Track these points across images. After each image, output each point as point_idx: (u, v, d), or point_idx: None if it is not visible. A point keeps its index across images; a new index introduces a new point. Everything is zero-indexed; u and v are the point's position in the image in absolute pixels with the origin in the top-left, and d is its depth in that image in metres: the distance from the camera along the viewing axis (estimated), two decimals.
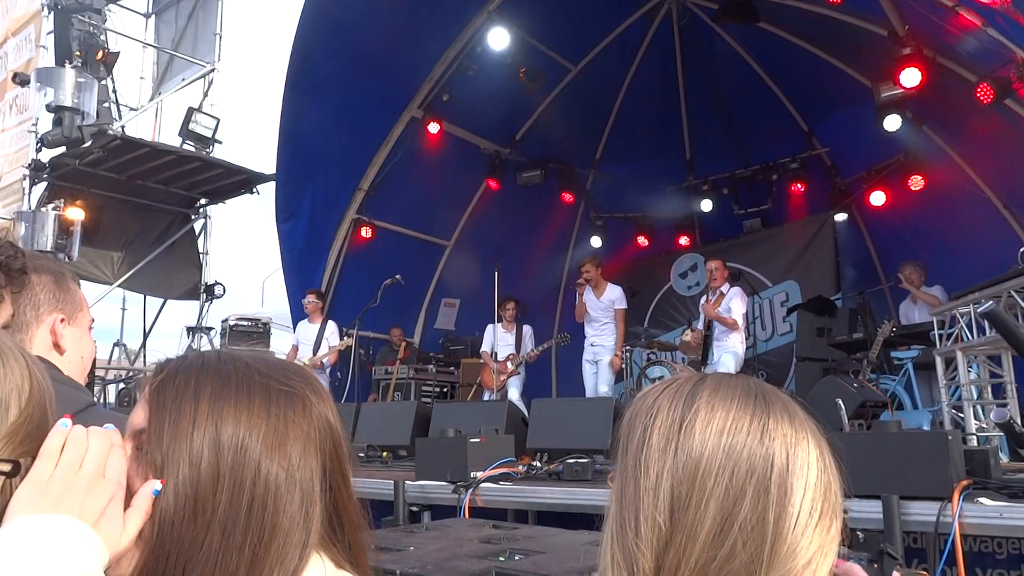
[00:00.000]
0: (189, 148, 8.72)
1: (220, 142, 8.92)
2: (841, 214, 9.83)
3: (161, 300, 9.92)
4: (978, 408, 5.16)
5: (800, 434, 0.81)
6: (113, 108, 8.77)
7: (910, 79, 7.14)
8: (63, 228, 7.48)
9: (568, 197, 10.85)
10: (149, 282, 9.56)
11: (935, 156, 8.37)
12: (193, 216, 9.93)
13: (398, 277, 7.83)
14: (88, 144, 7.75)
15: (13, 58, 9.36)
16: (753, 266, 10.02)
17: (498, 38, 8.64)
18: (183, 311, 10.10)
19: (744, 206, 10.45)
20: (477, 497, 3.87)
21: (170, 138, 9.17)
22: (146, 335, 9.97)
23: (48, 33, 8.43)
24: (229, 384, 0.83)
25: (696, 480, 0.77)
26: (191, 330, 9.50)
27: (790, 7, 8.46)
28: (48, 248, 7.24)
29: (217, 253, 10.72)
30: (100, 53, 8.10)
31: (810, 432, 0.82)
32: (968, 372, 5.11)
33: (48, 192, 8.31)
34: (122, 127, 8.63)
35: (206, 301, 9.69)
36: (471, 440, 4.15)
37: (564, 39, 9.63)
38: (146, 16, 10.53)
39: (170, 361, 0.86)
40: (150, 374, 0.86)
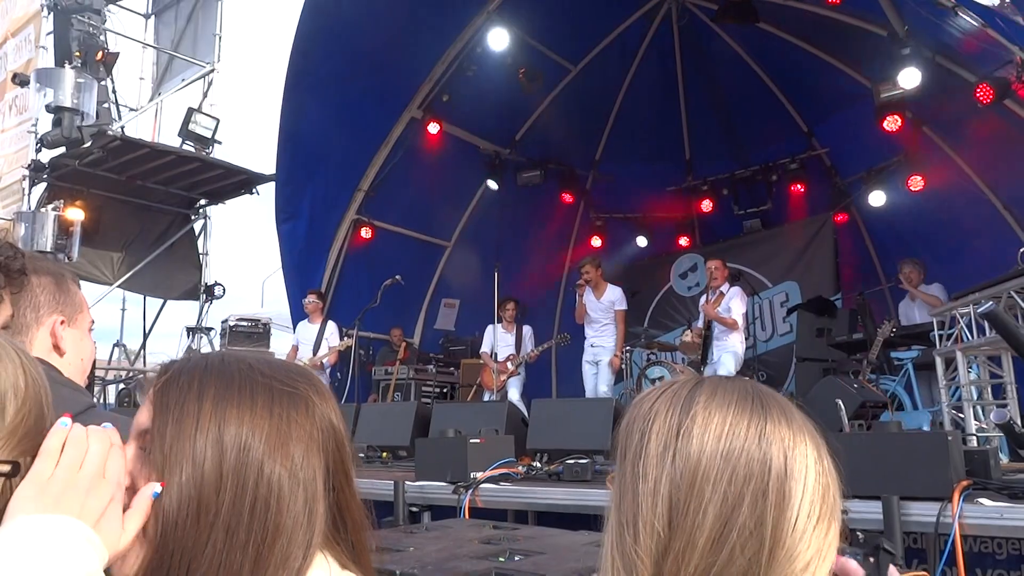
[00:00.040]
0: (189, 149, 8.72)
1: (220, 142, 8.93)
2: (841, 214, 9.84)
3: (161, 301, 9.91)
4: (978, 408, 5.16)
5: (798, 437, 0.81)
6: (113, 108, 8.75)
7: (909, 79, 7.15)
8: (63, 229, 7.47)
9: (568, 197, 10.86)
10: (149, 283, 9.55)
11: (935, 157, 8.37)
12: (193, 216, 9.92)
13: (398, 277, 7.83)
14: (88, 144, 7.75)
15: (13, 58, 9.35)
16: (753, 266, 10.02)
17: (498, 38, 8.63)
18: (183, 312, 10.12)
19: (744, 206, 10.45)
20: (477, 498, 3.87)
21: (170, 139, 9.18)
22: (146, 336, 9.98)
23: (48, 34, 8.42)
24: (232, 385, 0.83)
25: (694, 486, 0.77)
26: (191, 331, 9.49)
27: (790, 7, 8.46)
28: (48, 249, 7.23)
29: (217, 254, 10.73)
30: (100, 54, 8.09)
31: (808, 435, 0.82)
32: (968, 373, 5.11)
33: (48, 193, 8.30)
34: (122, 128, 8.62)
35: (206, 302, 9.69)
36: (471, 440, 4.15)
37: (564, 39, 9.62)
38: (146, 17, 10.53)
39: (174, 362, 0.87)
40: (154, 375, 0.86)
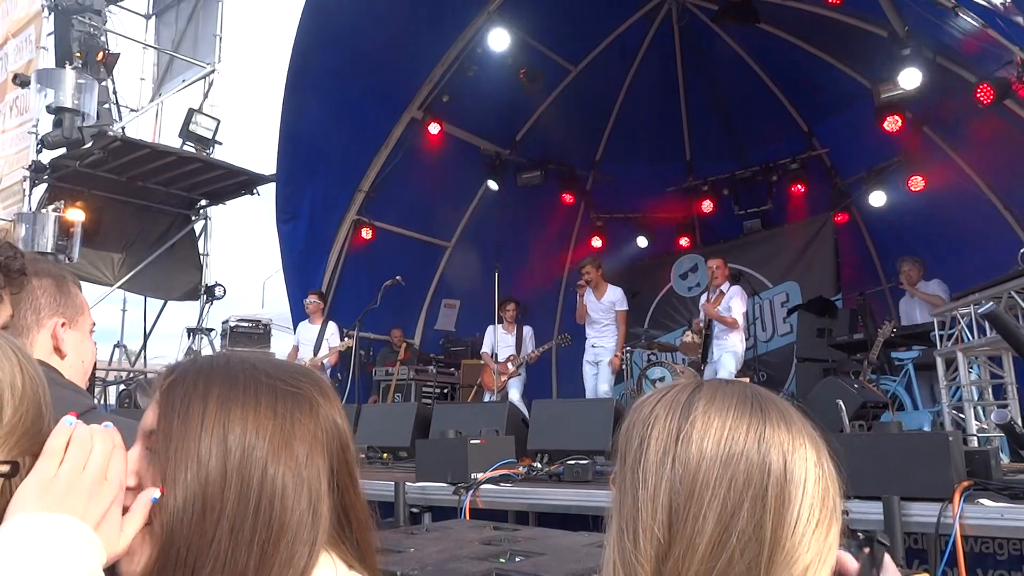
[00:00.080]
0: (189, 149, 8.72)
1: (220, 143, 8.94)
2: (841, 215, 9.84)
3: (161, 301, 9.92)
4: (979, 409, 5.16)
5: (797, 441, 0.80)
6: (113, 109, 8.76)
7: (910, 80, 7.15)
8: (63, 229, 7.47)
9: (568, 198, 10.86)
10: (149, 283, 9.56)
11: (935, 157, 8.37)
12: (193, 217, 9.93)
13: (398, 278, 7.83)
14: (88, 145, 7.75)
15: (13, 59, 9.35)
16: (753, 267, 10.02)
17: (498, 39, 8.63)
18: (183, 312, 10.12)
19: (744, 207, 10.46)
20: (478, 498, 3.86)
21: (170, 139, 9.19)
22: (146, 336, 9.99)
23: (48, 34, 8.43)
24: (237, 386, 0.84)
25: (694, 492, 0.77)
26: (191, 331, 9.49)
27: (790, 8, 8.46)
28: (48, 249, 7.22)
29: (217, 254, 10.75)
30: (100, 54, 8.10)
31: (807, 438, 0.82)
32: (969, 373, 5.11)
33: (48, 193, 8.31)
34: (122, 128, 8.63)
35: (206, 302, 9.69)
36: (471, 441, 4.14)
37: (564, 40, 9.62)
38: (146, 17, 10.54)
39: (180, 363, 0.88)
40: (160, 377, 0.87)
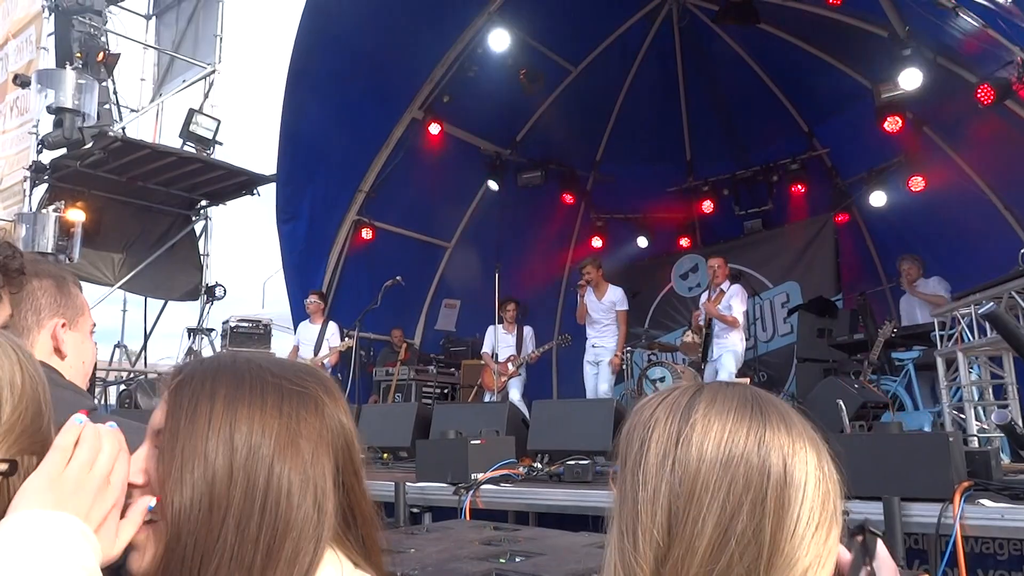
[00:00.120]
0: (190, 150, 8.72)
1: (221, 143, 8.94)
2: (842, 215, 9.84)
3: (162, 302, 9.92)
4: (979, 409, 5.15)
5: (797, 444, 0.80)
6: (114, 110, 8.76)
7: (910, 80, 7.14)
8: (64, 230, 7.47)
9: (568, 198, 10.86)
10: (150, 284, 9.56)
11: (935, 157, 8.37)
12: (194, 217, 9.93)
13: (398, 278, 7.83)
14: (89, 146, 7.75)
15: (14, 59, 9.35)
16: (754, 267, 10.02)
17: (499, 39, 8.63)
18: (184, 313, 10.12)
19: (745, 207, 10.46)
20: (478, 499, 3.86)
21: (171, 140, 9.19)
22: (147, 337, 9.99)
23: (49, 35, 8.43)
24: (243, 385, 0.86)
25: (693, 495, 0.77)
26: (192, 332, 9.49)
27: (790, 8, 8.46)
28: (49, 250, 7.22)
29: (218, 254, 10.76)
30: (101, 55, 8.10)
31: (808, 440, 0.82)
32: (969, 373, 5.10)
33: (49, 194, 8.31)
34: (123, 129, 8.63)
35: (207, 303, 9.69)
36: (472, 442, 4.14)
37: (565, 40, 9.63)
38: (147, 18, 10.54)
39: (187, 363, 0.90)
40: (169, 376, 0.88)
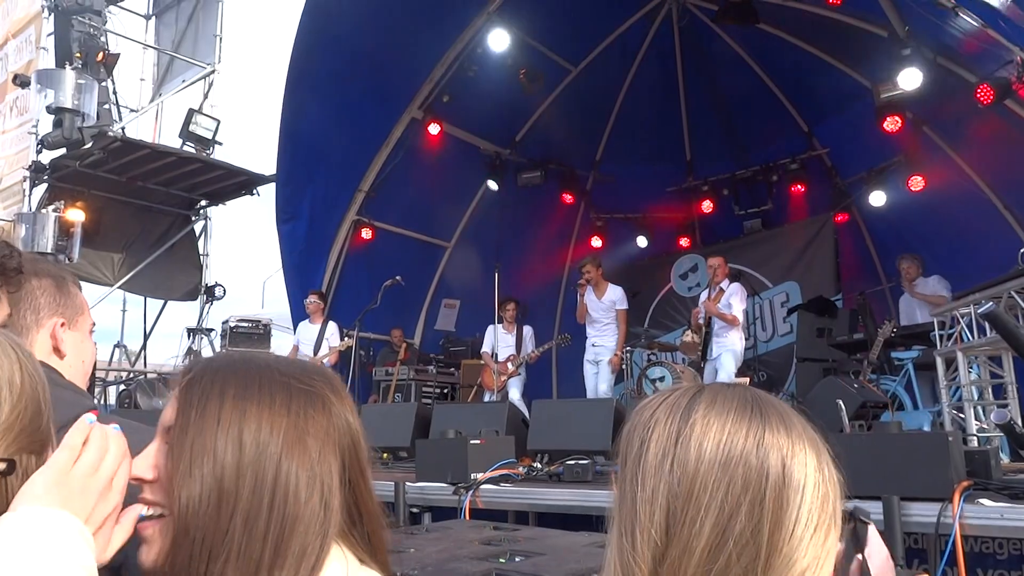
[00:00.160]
0: (189, 150, 8.72)
1: (220, 143, 8.93)
2: (841, 215, 9.84)
3: (161, 302, 9.91)
4: (979, 409, 5.15)
5: (797, 445, 0.80)
6: (113, 110, 8.76)
7: (910, 80, 7.14)
8: (63, 230, 7.47)
9: (568, 198, 10.86)
10: (149, 284, 9.55)
11: (935, 157, 8.37)
12: (193, 217, 9.93)
13: (398, 278, 7.83)
14: (88, 146, 7.75)
15: (13, 59, 9.35)
16: (753, 267, 10.02)
17: (498, 39, 8.63)
18: (184, 312, 10.11)
19: (744, 207, 10.46)
20: (478, 498, 3.87)
21: (170, 140, 9.18)
22: (147, 337, 9.98)
23: (48, 35, 8.42)
24: (252, 384, 0.87)
25: (692, 494, 0.77)
26: (191, 331, 9.49)
27: (790, 8, 8.46)
28: (48, 250, 7.22)
29: (217, 254, 10.74)
30: (100, 55, 8.09)
31: (808, 442, 0.82)
32: (968, 373, 5.11)
33: (48, 194, 8.30)
34: (122, 129, 8.62)
35: (207, 302, 9.69)
36: (471, 441, 4.14)
37: (564, 40, 9.62)
38: (146, 18, 10.53)
39: (198, 362, 0.91)
40: (179, 374, 0.90)
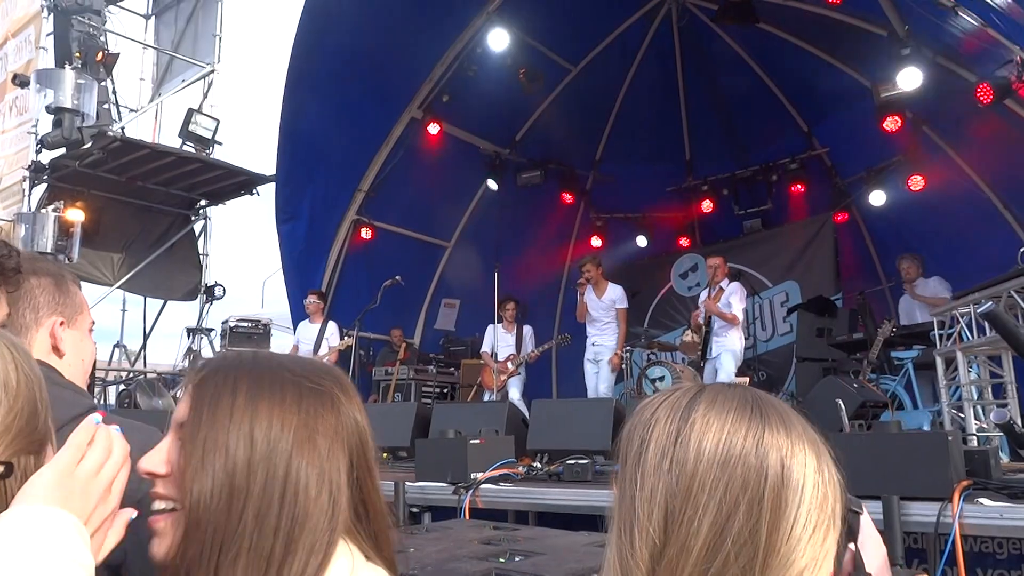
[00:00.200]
0: (189, 149, 8.72)
1: (220, 143, 8.94)
2: (841, 214, 9.84)
3: (161, 301, 9.92)
4: (978, 408, 5.15)
5: (796, 446, 0.80)
6: (113, 109, 8.76)
7: (910, 80, 7.14)
8: (63, 230, 7.46)
9: (568, 198, 10.86)
10: (149, 283, 9.56)
11: (935, 156, 8.37)
12: (193, 217, 9.93)
13: (398, 278, 7.82)
14: (88, 145, 7.75)
15: (13, 59, 9.35)
16: (753, 266, 10.02)
17: (498, 39, 8.63)
18: (183, 312, 10.12)
19: (744, 207, 10.46)
20: (477, 498, 3.87)
21: (170, 139, 9.19)
22: (146, 336, 9.98)
23: (48, 34, 8.42)
24: (263, 382, 0.89)
25: (690, 494, 0.77)
26: (191, 331, 9.49)
27: (790, 8, 8.46)
28: (48, 250, 7.22)
29: (217, 254, 10.73)
30: (100, 54, 8.09)
31: (808, 442, 0.82)
32: (968, 372, 5.11)
33: (48, 194, 8.30)
34: (122, 128, 8.63)
35: (206, 302, 9.69)
36: (471, 441, 4.14)
37: (564, 40, 9.62)
38: (146, 17, 10.54)
39: (211, 359, 0.94)
40: (192, 372, 0.92)
